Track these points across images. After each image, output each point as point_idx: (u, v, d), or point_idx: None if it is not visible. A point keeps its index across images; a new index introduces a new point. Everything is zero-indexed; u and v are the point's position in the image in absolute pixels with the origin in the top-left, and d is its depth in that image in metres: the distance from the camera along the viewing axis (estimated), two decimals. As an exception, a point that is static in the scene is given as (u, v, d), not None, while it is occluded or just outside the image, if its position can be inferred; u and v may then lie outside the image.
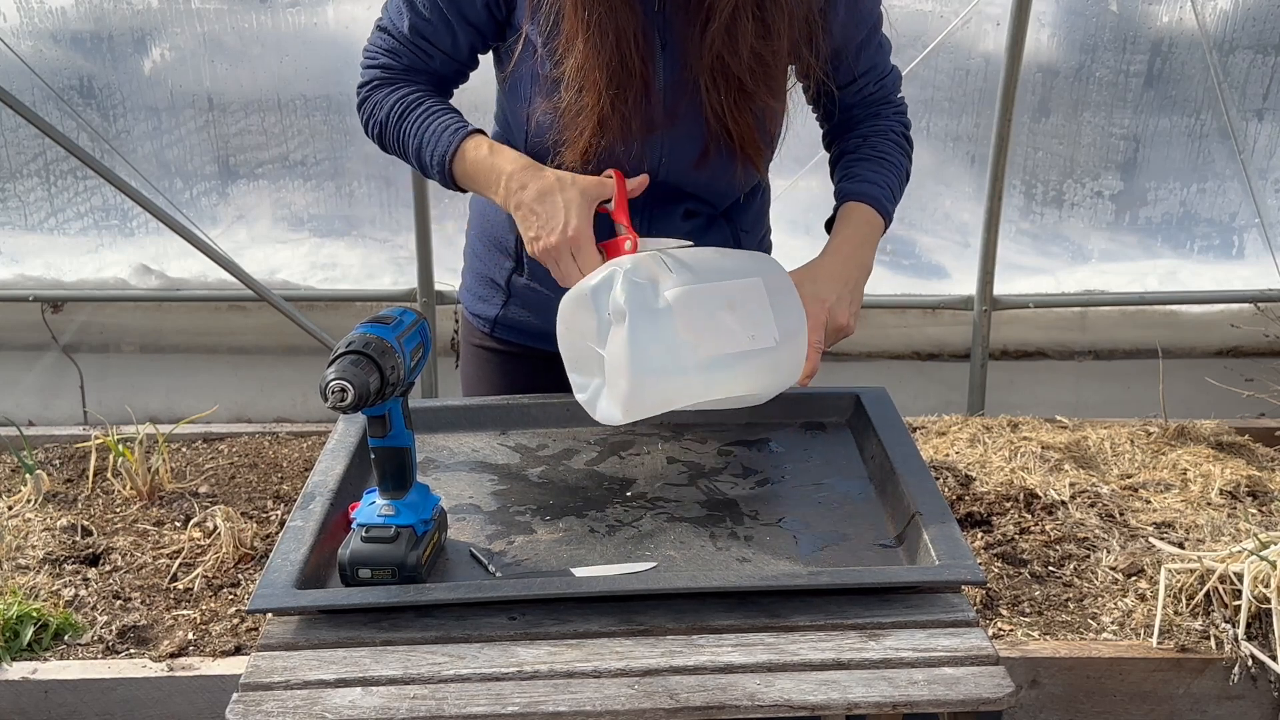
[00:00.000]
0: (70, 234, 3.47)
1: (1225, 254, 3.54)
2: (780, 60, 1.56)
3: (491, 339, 1.83)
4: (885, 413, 1.67)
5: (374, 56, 1.66)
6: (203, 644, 2.40)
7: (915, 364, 3.58)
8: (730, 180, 1.66)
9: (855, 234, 1.63)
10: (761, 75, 1.54)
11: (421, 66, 1.64)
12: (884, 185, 1.66)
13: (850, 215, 1.64)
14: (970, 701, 1.17)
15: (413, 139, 1.60)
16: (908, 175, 1.72)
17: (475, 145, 1.56)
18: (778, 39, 1.52)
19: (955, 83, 3.28)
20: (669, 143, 1.60)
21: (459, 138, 1.56)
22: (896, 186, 1.68)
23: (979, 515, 2.78)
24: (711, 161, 1.61)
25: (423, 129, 1.59)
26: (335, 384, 1.24)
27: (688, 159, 1.61)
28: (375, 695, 1.18)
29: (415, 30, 1.61)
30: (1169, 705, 2.33)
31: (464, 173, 1.57)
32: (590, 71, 1.51)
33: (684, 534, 1.45)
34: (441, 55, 1.63)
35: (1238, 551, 2.37)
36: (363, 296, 3.43)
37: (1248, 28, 3.25)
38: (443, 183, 1.60)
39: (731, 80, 1.53)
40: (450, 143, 1.56)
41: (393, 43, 1.64)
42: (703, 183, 1.65)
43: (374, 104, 1.65)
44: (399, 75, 1.64)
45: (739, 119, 1.56)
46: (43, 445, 3.19)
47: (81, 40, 3.24)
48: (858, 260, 1.61)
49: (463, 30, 1.61)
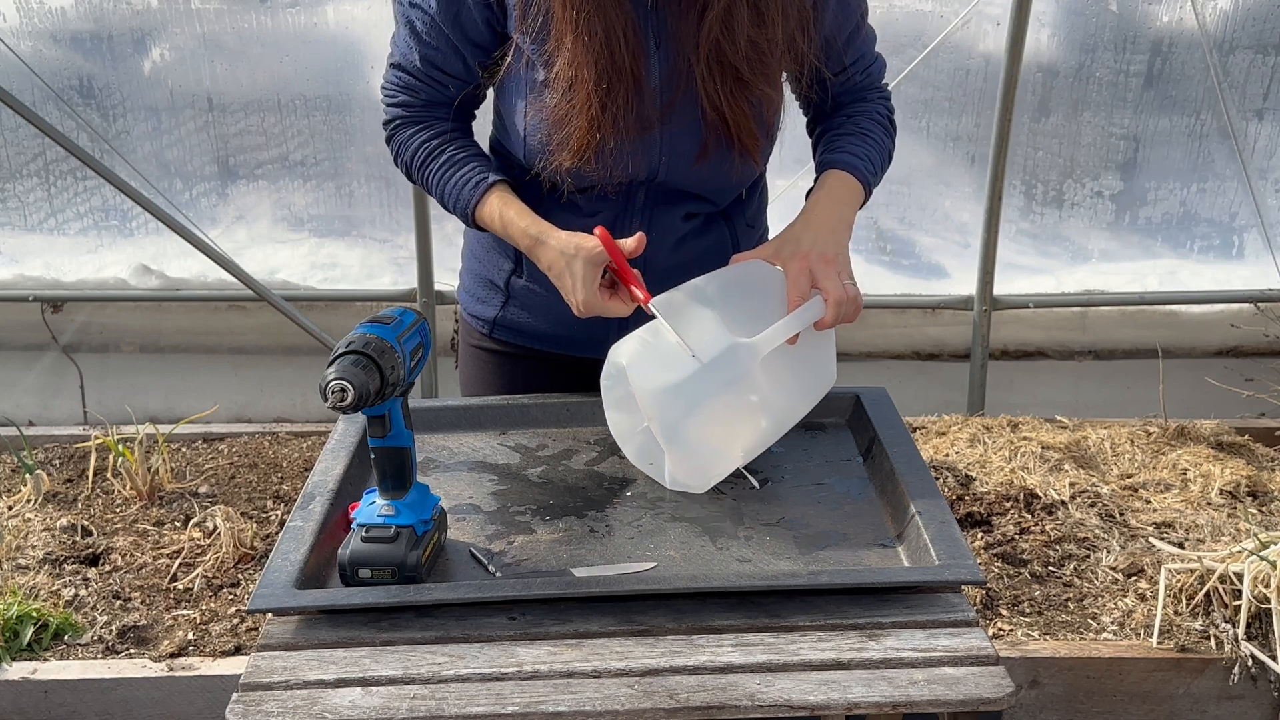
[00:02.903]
0: (70, 234, 3.47)
1: (1225, 254, 3.54)
2: (776, 49, 1.56)
3: (490, 340, 1.83)
4: (885, 413, 1.67)
5: (393, 95, 1.69)
6: (203, 644, 2.40)
7: (915, 364, 3.57)
8: (729, 175, 1.66)
9: (832, 195, 1.63)
10: (758, 63, 1.55)
11: (440, 98, 1.67)
12: (864, 157, 1.66)
13: (828, 180, 1.64)
14: (970, 701, 1.17)
15: (436, 189, 1.67)
16: (889, 154, 1.73)
17: (489, 210, 1.62)
18: (773, 27, 1.54)
19: (955, 83, 3.28)
20: (667, 141, 1.60)
21: (475, 198, 1.62)
22: (878, 160, 1.69)
23: (979, 515, 2.78)
24: (710, 157, 1.62)
25: (444, 182, 1.65)
26: (335, 384, 1.24)
27: (687, 156, 1.62)
28: (375, 695, 1.18)
29: (427, 61, 1.63)
30: (1169, 705, 2.33)
31: (488, 230, 1.66)
32: (579, 69, 1.51)
33: (684, 534, 1.45)
34: (456, 82, 1.65)
35: (1238, 551, 2.37)
36: (363, 296, 3.43)
37: (1248, 28, 3.24)
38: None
39: (728, 69, 1.54)
40: (469, 201, 1.63)
41: (408, 79, 1.66)
42: (702, 179, 1.66)
43: (399, 144, 1.70)
44: (419, 113, 1.68)
45: (736, 109, 1.57)
46: (43, 445, 3.19)
47: (81, 40, 3.23)
48: (838, 215, 1.61)
49: (469, 52, 1.62)
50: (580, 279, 1.52)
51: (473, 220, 1.65)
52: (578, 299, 1.54)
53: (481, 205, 1.62)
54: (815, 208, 1.61)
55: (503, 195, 1.62)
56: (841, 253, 1.57)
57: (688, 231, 1.69)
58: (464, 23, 1.59)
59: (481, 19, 1.59)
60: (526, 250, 1.60)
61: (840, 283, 1.53)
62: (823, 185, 1.64)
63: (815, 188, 1.66)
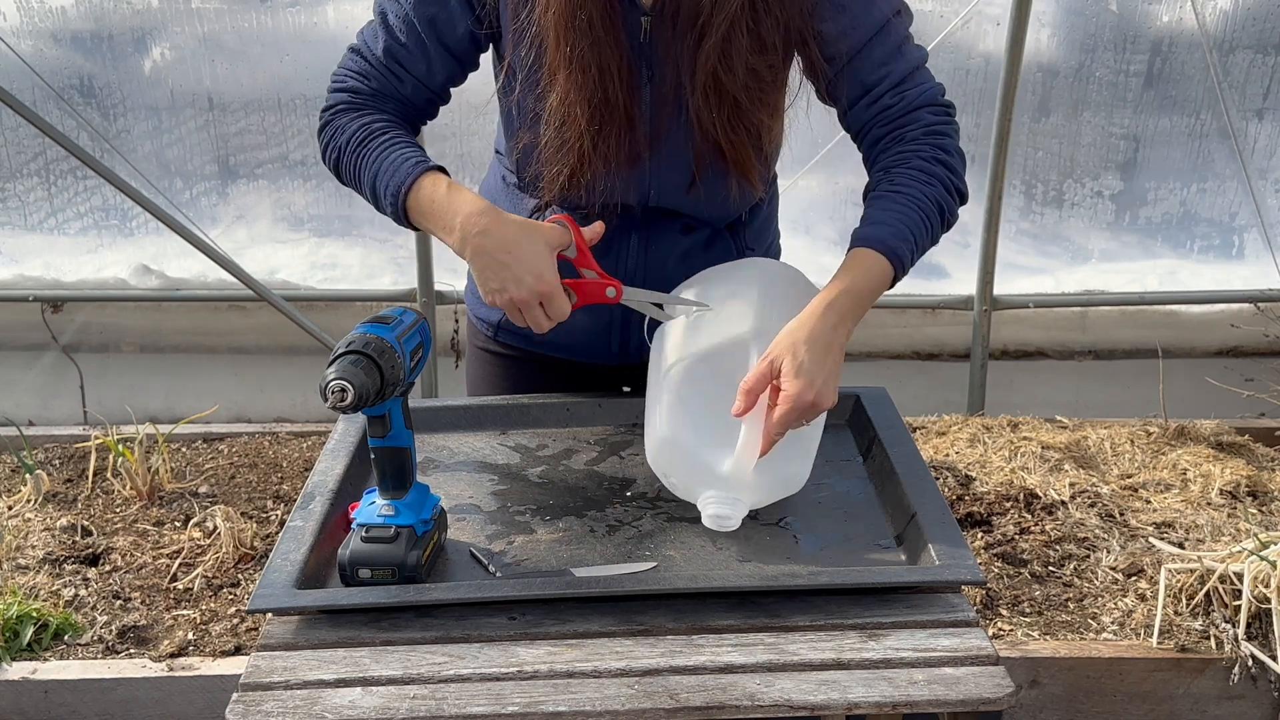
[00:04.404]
0: (70, 234, 3.47)
1: (1225, 254, 3.54)
2: (777, 74, 1.53)
3: (495, 342, 1.83)
4: (885, 413, 1.67)
5: (342, 80, 1.59)
6: (203, 644, 2.39)
7: (915, 364, 3.57)
8: (725, 201, 1.62)
9: (833, 290, 1.43)
10: (756, 91, 1.50)
11: (391, 91, 1.58)
12: (892, 224, 1.46)
13: (846, 264, 1.46)
14: (970, 701, 1.17)
15: (369, 168, 1.52)
16: (937, 204, 1.50)
17: (433, 182, 1.48)
18: (772, 52, 1.49)
19: (955, 83, 3.28)
20: (656, 171, 1.58)
21: (417, 171, 1.48)
22: (916, 222, 1.47)
23: (979, 515, 2.78)
24: (702, 186, 1.59)
25: (381, 158, 1.51)
26: (335, 384, 1.24)
27: (678, 186, 1.60)
28: (375, 695, 1.18)
29: (390, 54, 1.56)
30: (1169, 705, 2.33)
31: (418, 209, 1.49)
32: (572, 107, 1.49)
33: (684, 534, 1.45)
34: (414, 81, 1.57)
35: (1238, 551, 2.37)
36: (363, 296, 3.43)
37: (1248, 28, 3.24)
38: (395, 218, 1.52)
39: (726, 97, 1.49)
40: (408, 175, 1.48)
41: (364, 65, 1.58)
42: (697, 205, 1.63)
43: (335, 129, 1.57)
44: (366, 100, 1.57)
45: (732, 137, 1.52)
46: (43, 445, 3.19)
47: (81, 40, 3.24)
48: (826, 321, 1.39)
49: (440, 57, 1.56)
50: (543, 256, 1.43)
51: (405, 204, 1.48)
52: (542, 277, 1.42)
53: (420, 183, 1.47)
54: (808, 312, 1.42)
55: (449, 179, 1.49)
56: (817, 349, 1.37)
57: (691, 246, 1.66)
58: (440, 25, 1.54)
59: (463, 28, 1.55)
60: (475, 216, 1.43)
61: (798, 379, 1.35)
62: (838, 272, 1.45)
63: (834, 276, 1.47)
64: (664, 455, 1.45)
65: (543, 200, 1.62)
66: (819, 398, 1.36)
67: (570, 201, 1.60)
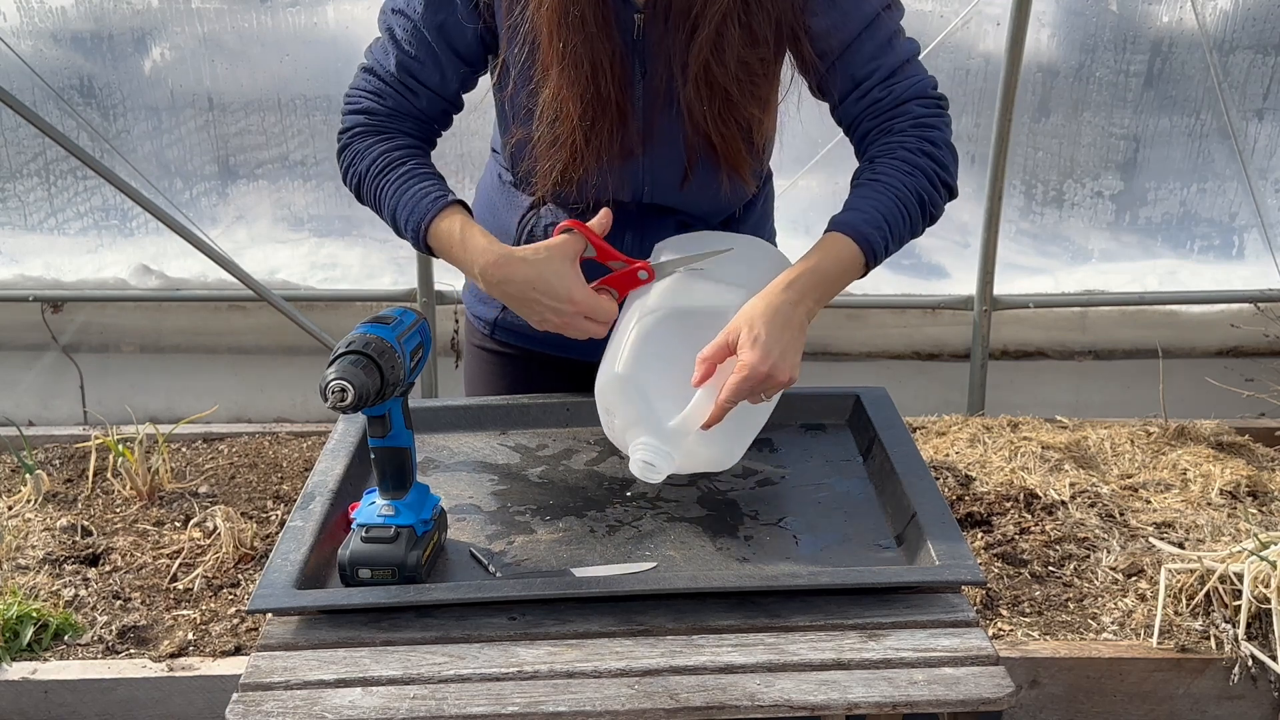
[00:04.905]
0: (70, 234, 3.47)
1: (1225, 254, 3.54)
2: (768, 68, 1.53)
3: (492, 340, 1.83)
4: (885, 413, 1.67)
5: (356, 100, 1.61)
6: (203, 644, 2.40)
7: (915, 364, 3.58)
8: (716, 197, 1.63)
9: (797, 269, 1.44)
10: (748, 84, 1.51)
11: (407, 109, 1.60)
12: (867, 211, 1.47)
13: (815, 246, 1.47)
14: (970, 701, 1.17)
15: (388, 200, 1.56)
16: (918, 195, 1.50)
17: (449, 224, 1.52)
18: (764, 46, 1.50)
19: (955, 83, 3.28)
20: (649, 166, 1.59)
21: (435, 209, 1.53)
22: (893, 211, 1.48)
23: (979, 515, 2.78)
24: (694, 181, 1.60)
25: (400, 191, 1.55)
26: (335, 384, 1.24)
27: (671, 181, 1.60)
28: (375, 695, 1.18)
29: (402, 68, 1.57)
30: (1169, 705, 2.33)
31: (437, 246, 1.55)
32: (564, 103, 1.49)
33: (684, 534, 1.45)
34: (429, 94, 1.59)
35: (1238, 551, 2.37)
36: (363, 296, 3.43)
37: (1248, 28, 3.24)
38: (417, 249, 1.58)
39: (717, 90, 1.50)
40: (425, 213, 1.53)
41: (378, 83, 1.59)
42: (691, 201, 1.64)
43: (355, 153, 1.60)
44: (384, 121, 1.60)
45: (723, 131, 1.53)
46: (43, 445, 3.19)
47: (81, 40, 3.23)
48: (786, 297, 1.41)
49: (451, 64, 1.58)
50: (565, 276, 1.46)
51: (426, 232, 1.54)
52: (572, 298, 1.45)
53: (441, 217, 1.52)
54: (772, 286, 1.43)
55: (465, 215, 1.54)
56: (776, 324, 1.38)
57: None
58: (449, 31, 1.55)
59: (471, 31, 1.56)
60: (490, 269, 1.49)
61: (753, 350, 1.36)
62: (808, 252, 1.47)
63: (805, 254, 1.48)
64: (613, 391, 1.45)
65: (537, 197, 1.62)
66: (774, 369, 1.37)
67: (564, 198, 1.60)
